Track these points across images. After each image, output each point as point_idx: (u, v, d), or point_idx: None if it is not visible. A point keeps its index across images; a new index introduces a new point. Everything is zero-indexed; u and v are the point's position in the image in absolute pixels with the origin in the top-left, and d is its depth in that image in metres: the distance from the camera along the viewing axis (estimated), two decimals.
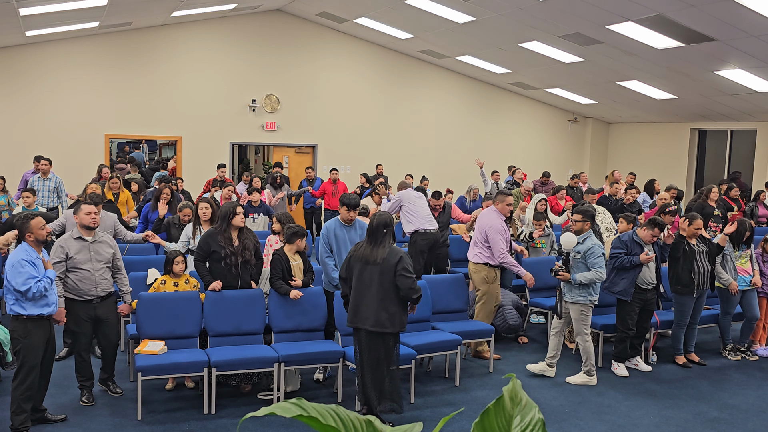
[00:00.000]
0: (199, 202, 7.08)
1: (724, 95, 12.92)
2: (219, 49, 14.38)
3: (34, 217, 5.14)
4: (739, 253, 7.50)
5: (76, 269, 5.59)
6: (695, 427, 5.68)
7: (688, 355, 7.32)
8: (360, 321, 5.31)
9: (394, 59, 15.84)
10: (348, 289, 5.48)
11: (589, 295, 6.48)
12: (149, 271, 6.80)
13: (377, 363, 5.32)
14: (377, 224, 5.38)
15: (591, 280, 6.38)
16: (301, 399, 1.82)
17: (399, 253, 5.33)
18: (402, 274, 5.23)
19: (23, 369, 5.05)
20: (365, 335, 5.32)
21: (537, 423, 1.85)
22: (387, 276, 5.25)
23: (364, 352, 5.35)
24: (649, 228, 6.79)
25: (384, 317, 5.25)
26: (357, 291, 5.34)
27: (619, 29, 10.41)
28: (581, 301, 6.47)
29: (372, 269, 5.29)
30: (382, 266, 5.26)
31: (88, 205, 5.73)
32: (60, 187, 10.44)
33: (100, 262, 5.69)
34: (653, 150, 16.77)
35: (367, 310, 5.27)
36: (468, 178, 14.80)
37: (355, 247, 5.54)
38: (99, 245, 5.73)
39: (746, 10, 8.65)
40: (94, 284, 5.63)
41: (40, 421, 5.35)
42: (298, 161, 15.46)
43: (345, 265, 5.50)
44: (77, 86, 13.44)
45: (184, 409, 5.72)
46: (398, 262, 5.26)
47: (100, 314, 5.70)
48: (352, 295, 5.40)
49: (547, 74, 14.46)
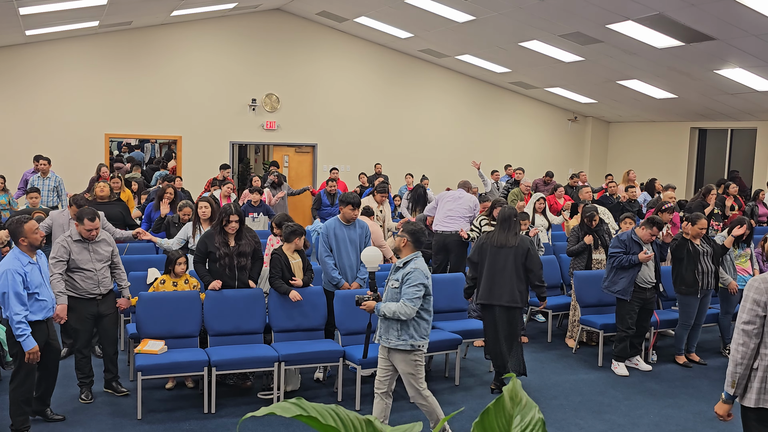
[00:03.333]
0: (199, 201, 7.08)
1: (724, 94, 12.92)
2: (219, 49, 14.37)
3: (28, 221, 5.08)
4: (738, 252, 7.50)
5: (78, 270, 5.65)
6: (695, 426, 5.68)
7: (689, 354, 7.32)
8: (495, 298, 5.97)
9: (394, 58, 15.84)
10: (476, 272, 6.13)
11: (410, 338, 4.80)
12: (149, 270, 6.80)
13: (513, 334, 6.04)
14: (507, 214, 6.10)
15: (395, 313, 4.72)
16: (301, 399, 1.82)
17: (528, 240, 6.11)
18: (534, 257, 6.01)
19: (21, 372, 5.04)
20: (500, 311, 6.00)
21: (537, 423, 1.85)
22: (519, 259, 5.96)
23: (500, 326, 6.01)
24: (648, 227, 6.78)
25: (516, 295, 5.95)
26: (490, 272, 6.00)
27: (619, 28, 10.41)
28: (400, 346, 4.80)
29: (506, 252, 5.98)
30: (516, 250, 5.96)
31: (92, 221, 5.67)
32: (60, 186, 10.44)
33: (100, 261, 5.75)
34: (653, 149, 16.77)
35: (501, 288, 5.95)
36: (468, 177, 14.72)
37: (487, 234, 6.20)
38: (98, 245, 5.79)
39: (746, 9, 8.64)
40: (96, 283, 5.71)
41: (41, 415, 5.36)
42: (298, 161, 15.46)
43: (476, 251, 6.16)
44: (77, 85, 13.43)
45: (184, 409, 5.72)
46: (530, 248, 6.01)
47: (102, 310, 5.78)
48: (485, 276, 6.02)
49: (547, 73, 14.46)
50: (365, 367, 5.79)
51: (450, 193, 8.99)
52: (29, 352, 4.90)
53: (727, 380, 3.69)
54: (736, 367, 3.63)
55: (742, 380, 3.65)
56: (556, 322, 8.48)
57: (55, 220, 6.94)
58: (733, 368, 3.65)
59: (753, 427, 3.72)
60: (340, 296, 6.21)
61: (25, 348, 4.89)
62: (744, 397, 3.67)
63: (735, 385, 3.65)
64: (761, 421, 3.67)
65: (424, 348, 4.89)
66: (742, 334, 3.61)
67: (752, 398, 3.63)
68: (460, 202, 8.80)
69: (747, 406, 3.66)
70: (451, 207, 8.77)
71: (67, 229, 6.73)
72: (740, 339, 3.62)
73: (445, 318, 6.94)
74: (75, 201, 6.72)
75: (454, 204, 8.79)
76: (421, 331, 4.83)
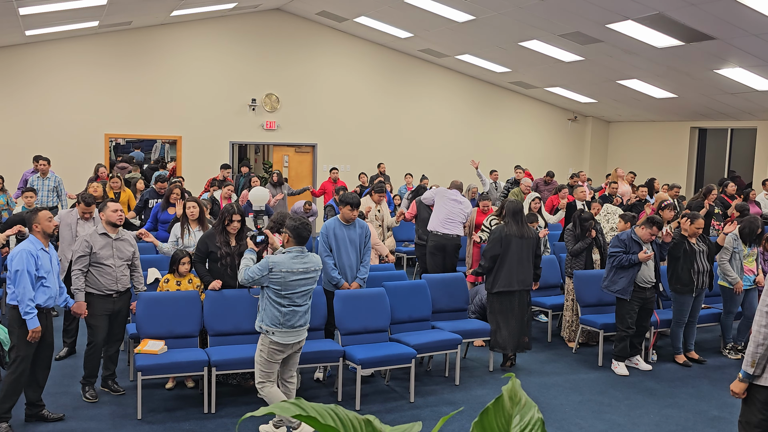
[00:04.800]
0: (187, 202, 7.05)
1: (724, 94, 12.91)
2: (219, 48, 14.37)
3: (42, 210, 5.29)
4: (748, 251, 7.47)
5: (98, 264, 5.73)
6: (695, 425, 5.68)
7: (688, 353, 7.32)
8: (516, 284, 6.68)
9: (394, 58, 15.84)
10: (493, 263, 6.70)
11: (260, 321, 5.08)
12: (149, 270, 6.80)
13: (529, 312, 6.95)
14: (514, 210, 6.81)
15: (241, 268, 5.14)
16: (301, 399, 1.82)
17: (534, 230, 7.02)
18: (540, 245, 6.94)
19: (17, 360, 5.11)
20: (521, 295, 6.76)
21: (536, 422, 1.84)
22: (531, 248, 6.80)
23: (520, 308, 6.76)
24: (648, 226, 6.78)
25: (529, 279, 6.80)
26: (512, 261, 6.67)
27: (619, 28, 10.41)
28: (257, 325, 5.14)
29: (525, 243, 6.73)
30: (529, 240, 6.77)
31: (114, 203, 5.92)
32: (59, 186, 10.44)
33: (121, 259, 5.85)
34: (653, 149, 16.77)
35: (520, 274, 6.70)
36: (467, 177, 14.80)
37: (502, 228, 6.79)
38: (121, 243, 5.89)
39: (746, 8, 8.64)
40: (114, 280, 5.78)
41: (38, 418, 5.36)
42: (298, 160, 15.46)
43: (497, 243, 6.69)
44: (77, 86, 13.43)
45: (184, 409, 5.72)
46: (539, 238, 6.92)
47: (116, 308, 5.86)
48: (507, 265, 6.65)
49: (547, 73, 14.46)
50: (365, 367, 5.79)
51: (449, 193, 8.89)
52: (33, 331, 5.03)
53: (746, 360, 3.82)
54: (758, 347, 3.77)
55: (762, 360, 3.78)
56: (556, 322, 8.48)
57: (63, 219, 7.01)
58: (755, 348, 3.78)
59: (757, 408, 3.86)
60: (340, 296, 6.21)
61: (30, 326, 5.03)
62: (761, 377, 3.82)
63: (755, 364, 3.79)
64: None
65: (274, 338, 4.98)
66: (765, 316, 3.77)
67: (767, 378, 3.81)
68: (461, 207, 8.78)
69: (763, 385, 3.82)
70: (453, 210, 8.72)
71: (74, 228, 6.84)
72: (763, 321, 3.79)
73: (445, 318, 6.94)
74: (83, 198, 6.81)
75: (456, 207, 8.75)
76: (267, 319, 5.00)
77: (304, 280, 5.02)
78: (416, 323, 6.62)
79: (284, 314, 4.98)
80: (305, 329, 5.18)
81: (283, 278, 4.93)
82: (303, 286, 5.03)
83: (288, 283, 4.95)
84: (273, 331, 4.99)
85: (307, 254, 5.08)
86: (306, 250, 5.10)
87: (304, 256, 5.05)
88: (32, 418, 5.35)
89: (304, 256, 5.05)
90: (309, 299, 5.15)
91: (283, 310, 4.98)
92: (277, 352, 5.05)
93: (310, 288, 5.10)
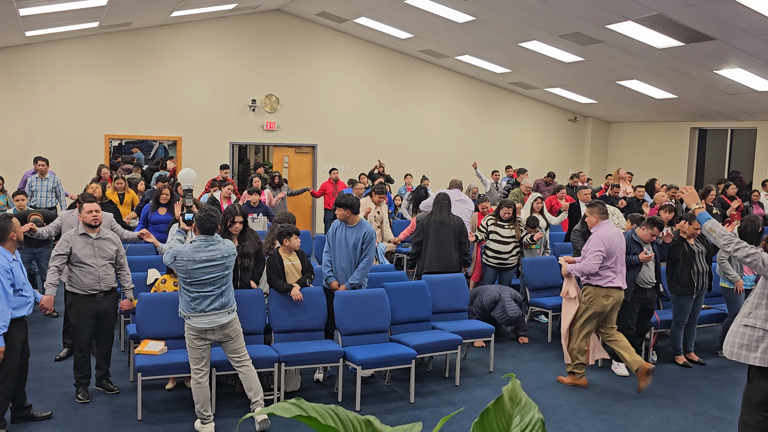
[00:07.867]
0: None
1: (724, 94, 12.92)
2: (219, 49, 14.38)
3: (12, 217, 5.11)
4: None
5: (80, 264, 5.71)
6: (695, 426, 5.67)
7: (688, 354, 7.32)
8: (437, 266, 7.38)
9: (394, 59, 15.84)
10: (419, 249, 7.54)
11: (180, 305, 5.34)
12: (149, 271, 6.81)
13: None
14: (441, 199, 7.61)
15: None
16: (301, 399, 1.82)
17: (460, 219, 7.67)
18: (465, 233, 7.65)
19: (3, 369, 5.02)
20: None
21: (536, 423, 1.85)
22: (455, 235, 7.49)
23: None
24: (648, 227, 6.78)
25: (451, 262, 7.45)
26: (436, 245, 7.44)
27: (619, 29, 10.41)
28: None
29: (447, 229, 7.46)
30: (453, 227, 7.48)
31: (90, 203, 5.86)
32: (58, 186, 10.44)
33: (103, 258, 5.82)
34: (653, 149, 16.77)
35: (441, 258, 7.40)
36: (468, 177, 14.81)
37: (426, 217, 7.60)
38: (103, 242, 5.86)
39: (746, 9, 8.65)
40: (97, 279, 5.76)
41: (27, 419, 5.35)
42: (298, 161, 15.46)
43: (420, 230, 7.54)
44: (77, 86, 13.43)
45: (184, 409, 5.72)
46: (462, 226, 7.58)
47: (102, 308, 5.82)
48: (430, 249, 7.43)
49: (547, 74, 14.46)
50: (365, 367, 5.79)
51: (452, 194, 8.87)
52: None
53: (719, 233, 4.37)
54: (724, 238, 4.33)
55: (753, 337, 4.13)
56: (556, 323, 8.48)
57: (65, 220, 7.04)
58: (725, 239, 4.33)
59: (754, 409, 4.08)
60: (340, 297, 6.21)
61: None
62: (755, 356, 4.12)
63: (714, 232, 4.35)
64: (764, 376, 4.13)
65: (190, 322, 5.18)
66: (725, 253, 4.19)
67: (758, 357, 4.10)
68: (466, 206, 8.81)
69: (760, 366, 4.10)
70: (459, 210, 8.74)
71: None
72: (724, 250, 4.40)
73: (445, 318, 6.94)
74: (84, 198, 6.74)
75: (461, 207, 8.78)
76: (183, 304, 5.25)
77: (208, 268, 5.14)
78: (416, 324, 6.62)
79: (193, 299, 5.17)
80: (224, 312, 5.25)
81: (185, 266, 5.11)
82: (207, 274, 5.14)
83: (190, 272, 5.11)
84: (188, 316, 5.21)
85: (213, 243, 5.21)
86: (215, 239, 5.22)
87: (209, 245, 5.18)
88: (21, 419, 5.33)
89: (209, 244, 5.18)
90: (223, 285, 5.24)
91: (192, 296, 5.18)
92: (197, 338, 5.21)
93: (219, 275, 5.20)
